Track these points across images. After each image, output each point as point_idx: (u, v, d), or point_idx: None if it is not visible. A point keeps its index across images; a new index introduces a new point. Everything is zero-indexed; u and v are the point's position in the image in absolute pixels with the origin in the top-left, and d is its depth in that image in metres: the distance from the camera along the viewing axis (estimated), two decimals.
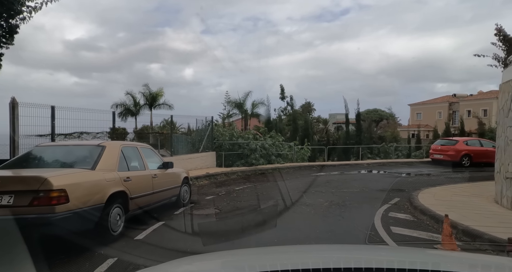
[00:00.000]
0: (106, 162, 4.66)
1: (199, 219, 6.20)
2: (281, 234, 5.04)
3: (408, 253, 1.84)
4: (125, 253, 4.09)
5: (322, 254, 1.67)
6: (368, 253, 1.74)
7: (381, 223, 5.61)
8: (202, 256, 1.85)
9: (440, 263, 1.40)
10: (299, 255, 1.65)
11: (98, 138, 9.31)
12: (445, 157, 15.58)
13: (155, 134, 18.15)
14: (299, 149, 17.45)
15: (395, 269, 1.16)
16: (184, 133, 18.07)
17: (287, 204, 7.51)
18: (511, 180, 6.41)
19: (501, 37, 11.61)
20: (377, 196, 8.27)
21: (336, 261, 1.32)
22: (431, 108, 43.43)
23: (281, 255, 1.65)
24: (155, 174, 5.87)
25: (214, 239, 4.86)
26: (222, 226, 5.84)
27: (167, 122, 27.48)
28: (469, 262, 1.49)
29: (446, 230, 4.33)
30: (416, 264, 1.28)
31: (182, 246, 4.36)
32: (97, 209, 4.19)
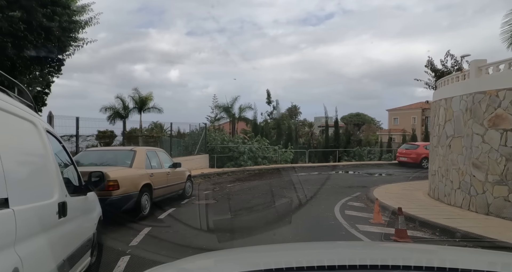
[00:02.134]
0: (138, 162, 6.42)
1: (200, 207, 7.99)
2: (264, 215, 6.92)
3: (425, 250, 1.83)
4: (154, 225, 5.87)
5: (327, 251, 1.68)
6: (372, 250, 1.76)
7: (339, 209, 7.58)
8: (209, 254, 1.86)
9: (457, 260, 1.38)
10: (303, 252, 1.66)
11: (88, 140, 10.90)
12: (408, 159, 17.93)
13: (144, 137, 18.77)
14: (283, 152, 19.43)
15: (411, 266, 1.15)
16: (173, 136, 19.57)
17: (271, 196, 9.39)
18: (433, 177, 8.56)
19: (431, 67, 14.55)
20: (344, 191, 10.28)
21: (341, 258, 1.33)
22: (406, 113, 46.56)
23: (284, 253, 1.65)
24: (168, 172, 7.64)
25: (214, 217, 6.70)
26: (219, 211, 7.66)
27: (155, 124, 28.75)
28: (488, 260, 1.46)
29: (376, 209, 6.36)
30: (433, 261, 1.27)
31: (190, 223, 6.17)
32: (134, 195, 5.94)
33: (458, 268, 1.14)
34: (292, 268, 1.12)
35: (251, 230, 5.66)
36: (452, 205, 7.49)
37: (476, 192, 6.79)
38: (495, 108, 6.41)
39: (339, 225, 6.04)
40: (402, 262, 1.21)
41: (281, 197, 9.14)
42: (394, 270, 1.12)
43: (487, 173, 6.54)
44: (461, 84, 7.62)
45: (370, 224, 6.07)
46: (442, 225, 5.56)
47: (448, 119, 7.93)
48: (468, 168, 7.02)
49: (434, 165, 8.84)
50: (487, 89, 6.58)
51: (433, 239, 5.21)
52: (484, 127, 6.64)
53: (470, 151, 6.98)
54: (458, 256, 1.55)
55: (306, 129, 34.37)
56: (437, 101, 8.76)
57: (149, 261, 3.92)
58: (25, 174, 1.93)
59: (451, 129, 7.75)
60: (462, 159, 7.26)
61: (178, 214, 6.97)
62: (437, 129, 8.65)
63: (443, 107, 8.20)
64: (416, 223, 5.95)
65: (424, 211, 6.69)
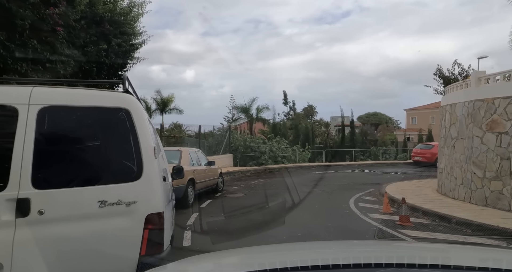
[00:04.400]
0: (184, 160, 7.79)
1: (232, 199, 9.29)
2: (285, 207, 8.12)
3: (418, 248, 1.84)
4: (200, 211, 7.21)
5: (331, 251, 1.65)
6: (378, 249, 1.74)
7: (353, 201, 8.67)
8: (209, 255, 1.84)
9: (451, 257, 1.40)
10: (308, 251, 1.64)
11: None
12: (423, 159, 18.59)
13: (166, 137, 19.67)
14: (300, 152, 20.53)
15: (404, 264, 1.15)
16: (195, 136, 20.97)
17: (292, 191, 10.57)
18: (441, 174, 9.47)
19: (439, 74, 15.43)
20: (358, 187, 11.31)
21: (346, 257, 1.32)
22: (425, 113, 46.27)
23: (288, 253, 1.63)
24: (205, 169, 8.99)
25: (245, 207, 7.98)
26: (249, 202, 8.93)
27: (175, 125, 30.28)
28: (479, 256, 1.48)
29: (385, 201, 7.43)
30: (426, 258, 1.27)
31: (226, 211, 7.45)
32: (183, 187, 7.29)
33: (450, 265, 1.17)
34: (286, 268, 1.11)
35: (278, 217, 6.88)
36: (456, 199, 8.41)
37: (476, 187, 7.70)
38: (491, 114, 7.32)
39: (352, 214, 7.15)
40: (396, 260, 1.21)
41: (302, 192, 10.30)
42: (388, 268, 1.12)
43: (485, 170, 7.46)
44: (464, 92, 8.52)
45: (380, 213, 7.14)
46: (441, 213, 6.58)
47: (452, 123, 8.83)
48: (469, 166, 7.93)
49: (441, 164, 9.74)
50: (485, 97, 7.49)
51: (432, 224, 6.24)
52: (482, 130, 7.55)
53: (470, 151, 7.89)
54: (450, 253, 1.58)
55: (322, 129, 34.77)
56: (444, 106, 9.66)
57: (204, 234, 5.23)
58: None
59: (455, 132, 8.66)
60: (464, 158, 8.17)
61: (215, 204, 8.31)
62: (443, 131, 9.55)
63: (448, 112, 9.10)
64: (419, 212, 6.98)
65: (428, 203, 7.67)
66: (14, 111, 2.03)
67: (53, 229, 1.99)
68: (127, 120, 2.23)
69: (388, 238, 5.29)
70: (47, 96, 2.17)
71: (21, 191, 1.94)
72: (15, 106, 2.04)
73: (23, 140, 1.99)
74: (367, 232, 5.65)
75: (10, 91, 2.22)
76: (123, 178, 2.19)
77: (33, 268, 1.94)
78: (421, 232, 5.63)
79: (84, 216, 2.07)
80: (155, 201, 2.27)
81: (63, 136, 2.22)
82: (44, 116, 2.08)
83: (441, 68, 15.89)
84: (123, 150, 2.26)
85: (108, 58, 6.71)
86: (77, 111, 2.22)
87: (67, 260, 2.00)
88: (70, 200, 2.05)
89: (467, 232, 5.72)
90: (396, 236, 5.43)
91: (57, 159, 2.17)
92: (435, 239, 5.29)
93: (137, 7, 7.28)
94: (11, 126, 2.00)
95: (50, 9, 4.44)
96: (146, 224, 2.17)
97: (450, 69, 15.57)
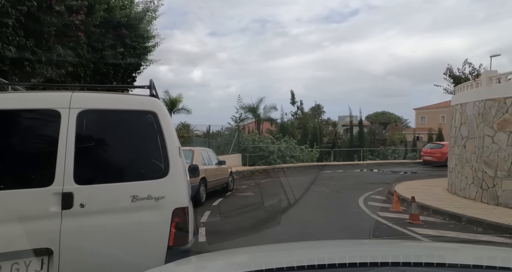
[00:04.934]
0: (196, 159, 8.00)
1: (242, 198, 9.46)
2: (297, 205, 8.25)
3: (412, 247, 1.85)
4: (212, 210, 7.41)
5: (328, 250, 1.66)
6: (373, 248, 1.74)
7: (363, 200, 8.75)
8: (205, 255, 1.82)
9: (445, 256, 1.40)
10: (304, 251, 1.64)
11: None
12: (433, 158, 18.44)
13: None
14: (309, 151, 20.59)
15: (400, 263, 1.16)
16: (198, 135, 21.22)
17: (301, 191, 10.69)
18: (451, 174, 9.46)
19: (450, 74, 15.32)
20: (367, 187, 11.35)
21: (341, 256, 1.31)
22: (435, 112, 45.66)
23: (284, 252, 1.62)
24: (216, 168, 9.18)
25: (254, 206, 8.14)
26: (258, 201, 9.10)
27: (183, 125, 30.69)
28: (474, 254, 1.49)
29: (395, 199, 7.50)
30: (421, 257, 1.29)
31: (237, 208, 7.63)
32: (195, 186, 7.49)
33: (445, 263, 1.19)
34: (282, 268, 1.12)
35: (287, 215, 7.02)
36: (467, 198, 8.41)
37: (487, 186, 7.70)
38: (503, 113, 7.31)
39: (362, 212, 7.24)
40: (391, 259, 1.22)
41: (311, 191, 10.41)
42: (383, 267, 1.12)
43: (496, 170, 7.45)
44: (474, 91, 8.50)
45: (389, 212, 7.22)
46: (451, 212, 6.62)
47: (463, 122, 8.83)
48: (480, 165, 7.93)
49: (451, 163, 9.72)
50: (496, 97, 7.48)
51: (442, 223, 6.29)
52: (493, 129, 7.54)
53: (481, 151, 7.89)
54: (445, 251, 1.60)
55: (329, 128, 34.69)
56: (454, 105, 9.64)
57: (218, 231, 5.41)
58: None
59: (466, 131, 8.65)
60: (475, 158, 8.17)
61: (226, 202, 8.50)
62: (454, 131, 9.53)
63: (458, 111, 9.09)
64: (429, 211, 7.03)
65: (438, 202, 7.71)
66: (57, 114, 2.24)
67: (93, 220, 2.20)
68: (154, 122, 2.42)
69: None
70: (84, 100, 2.38)
71: (65, 186, 2.15)
72: (58, 110, 2.25)
73: (66, 141, 2.20)
74: (377, 230, 5.75)
75: (53, 96, 2.45)
76: (152, 175, 2.37)
77: (77, 253, 2.15)
78: (431, 230, 5.70)
79: (119, 209, 2.26)
80: (180, 196, 2.45)
81: (99, 136, 2.42)
82: (83, 118, 2.28)
83: (451, 67, 15.87)
84: (151, 150, 2.44)
85: (124, 60, 6.96)
86: (110, 114, 2.42)
87: (105, 247, 2.20)
88: (106, 195, 2.25)
89: (478, 230, 5.76)
90: (406, 234, 5.51)
91: (94, 158, 2.38)
92: (445, 237, 5.35)
93: (151, 11, 7.51)
94: (55, 128, 2.21)
95: (73, 16, 4.70)
96: (173, 218, 2.35)
97: (461, 69, 15.49)
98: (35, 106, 2.31)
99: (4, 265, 2.02)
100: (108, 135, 2.44)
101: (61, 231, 2.12)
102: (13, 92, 2.74)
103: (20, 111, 2.29)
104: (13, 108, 2.27)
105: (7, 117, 2.26)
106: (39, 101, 2.35)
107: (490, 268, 1.17)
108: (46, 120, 2.29)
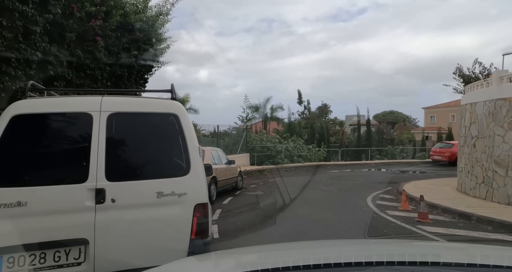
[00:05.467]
0: (206, 158, 8.18)
1: (251, 197, 9.61)
2: (306, 204, 8.37)
3: (407, 246, 1.86)
4: (222, 208, 7.58)
5: (323, 250, 1.67)
6: (368, 247, 1.75)
7: (371, 199, 8.80)
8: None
9: (440, 254, 1.42)
10: (300, 251, 1.65)
11: None
12: (442, 158, 18.30)
13: None
14: (316, 151, 20.64)
15: (395, 262, 1.16)
16: (206, 135, 21.44)
17: (309, 190, 10.79)
18: (461, 173, 9.44)
19: (459, 73, 15.16)
20: (375, 186, 11.38)
21: (337, 256, 1.33)
22: (444, 111, 45.04)
23: (281, 253, 1.63)
24: (226, 168, 9.35)
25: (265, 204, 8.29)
26: (268, 199, 9.24)
27: None
28: (468, 253, 1.51)
29: (403, 198, 7.56)
30: (416, 256, 1.28)
31: (246, 207, 7.77)
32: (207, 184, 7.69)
33: (439, 262, 1.20)
34: (278, 268, 1.13)
35: (298, 214, 7.14)
36: (477, 197, 8.40)
37: (498, 185, 7.69)
38: None
39: (371, 211, 7.32)
40: (386, 258, 1.23)
41: (319, 190, 10.51)
42: (378, 266, 1.13)
43: (507, 169, 7.44)
44: (485, 91, 8.48)
45: (398, 210, 7.27)
46: (461, 211, 6.65)
47: (473, 122, 8.80)
48: (491, 164, 7.92)
49: (461, 163, 9.70)
50: (507, 96, 7.46)
51: (451, 221, 6.33)
52: (504, 129, 7.53)
53: (492, 150, 7.88)
54: (440, 250, 1.62)
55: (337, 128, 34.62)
56: (464, 105, 9.61)
57: (229, 228, 5.58)
58: None
59: (476, 131, 8.64)
60: (485, 157, 8.15)
61: (236, 201, 8.67)
62: (463, 130, 9.51)
63: (468, 111, 9.07)
64: (438, 210, 7.06)
65: (448, 201, 7.73)
66: (89, 117, 2.43)
67: (123, 214, 2.38)
68: (176, 124, 2.59)
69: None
70: (113, 104, 2.57)
71: (98, 183, 2.34)
72: (90, 113, 2.45)
73: (97, 141, 2.39)
74: (386, 228, 5.83)
75: (85, 100, 2.65)
76: (175, 173, 2.54)
77: (110, 243, 2.34)
78: (440, 228, 5.75)
79: (146, 204, 2.44)
80: (201, 193, 2.62)
81: (127, 137, 2.60)
82: (112, 120, 2.46)
83: (461, 67, 15.74)
84: (174, 149, 2.62)
85: (137, 63, 7.18)
86: (137, 116, 2.61)
87: (134, 238, 2.39)
88: (134, 191, 2.43)
89: (488, 229, 5.79)
90: (414, 232, 5.58)
91: (123, 157, 2.56)
92: (454, 235, 5.41)
93: (163, 15, 7.72)
94: (88, 129, 2.41)
95: (92, 21, 4.92)
96: (194, 213, 2.52)
97: (471, 68, 15.36)
98: (70, 109, 2.51)
99: (48, 252, 2.22)
100: (135, 136, 2.61)
101: (96, 223, 2.31)
102: (49, 97, 2.96)
103: (58, 115, 2.50)
104: (52, 111, 2.47)
105: (47, 120, 2.47)
106: (74, 105, 2.55)
107: (483, 266, 1.18)
108: (80, 123, 2.48)
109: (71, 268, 2.25)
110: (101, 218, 2.33)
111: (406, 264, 1.17)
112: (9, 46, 3.62)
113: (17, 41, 3.73)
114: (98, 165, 2.35)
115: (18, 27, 3.71)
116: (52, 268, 2.22)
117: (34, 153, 2.39)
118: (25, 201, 2.23)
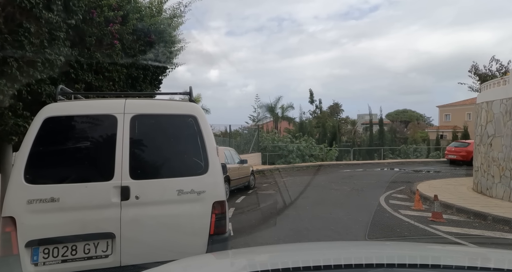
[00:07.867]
0: (220, 158, 8.34)
1: (264, 196, 9.72)
2: (318, 203, 8.41)
3: (408, 248, 1.86)
4: (235, 206, 7.72)
5: (324, 251, 1.67)
6: (369, 249, 1.74)
7: (384, 199, 8.76)
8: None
9: (440, 257, 1.41)
10: (301, 253, 1.64)
11: None
12: (458, 157, 17.90)
13: None
14: (328, 150, 20.55)
15: (395, 264, 1.16)
16: (217, 135, 21.63)
17: (322, 189, 10.81)
18: (476, 173, 9.26)
19: (475, 71, 14.77)
20: (388, 185, 11.29)
21: (337, 258, 1.35)
22: (460, 109, 43.91)
23: (282, 254, 1.64)
24: (238, 167, 9.49)
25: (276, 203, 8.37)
26: (280, 198, 9.32)
27: None
28: (469, 256, 1.50)
29: (416, 198, 7.50)
30: (416, 258, 1.28)
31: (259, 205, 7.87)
32: None
33: (440, 264, 1.20)
34: (277, 269, 1.13)
35: (311, 213, 7.20)
36: (494, 197, 8.24)
37: None
38: None
39: (383, 210, 7.30)
40: (386, 260, 1.23)
41: (331, 189, 10.51)
42: (379, 268, 1.13)
43: None
44: (501, 89, 8.29)
45: (411, 210, 7.23)
46: (476, 211, 6.56)
47: (489, 120, 8.63)
48: (508, 164, 7.75)
49: (477, 162, 9.51)
50: None
51: (466, 221, 6.26)
52: None
53: (509, 149, 7.71)
54: (441, 253, 1.62)
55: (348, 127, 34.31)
56: (480, 103, 9.42)
57: (244, 226, 5.70)
58: None
59: (492, 129, 8.46)
60: (502, 156, 7.99)
61: (249, 200, 8.79)
62: (479, 129, 9.33)
63: (484, 109, 8.89)
64: (453, 209, 6.98)
65: (463, 201, 7.62)
66: (114, 119, 2.59)
67: (146, 210, 2.53)
68: (195, 125, 2.73)
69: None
70: (136, 106, 2.73)
71: (123, 181, 2.50)
72: (115, 115, 2.61)
73: (122, 141, 2.55)
74: (399, 227, 5.83)
75: (110, 103, 2.83)
76: (194, 172, 2.68)
77: (134, 237, 2.51)
78: (454, 228, 5.70)
79: (167, 201, 2.58)
80: (219, 191, 2.75)
81: (149, 138, 2.76)
82: (135, 122, 2.62)
83: (477, 64, 15.36)
84: (193, 149, 2.75)
85: (152, 65, 7.38)
86: (158, 118, 2.76)
87: (156, 233, 2.55)
88: (156, 189, 2.58)
89: (504, 229, 5.70)
90: (428, 231, 5.56)
91: (145, 156, 2.72)
92: (469, 234, 5.36)
93: (177, 17, 7.90)
94: (113, 131, 2.58)
95: (110, 25, 5.14)
96: (213, 209, 2.65)
97: (487, 66, 14.95)
98: (97, 112, 2.69)
99: (79, 245, 2.40)
100: (156, 136, 2.76)
101: (121, 218, 2.48)
102: (77, 100, 3.15)
103: (85, 117, 2.68)
104: (80, 113, 2.65)
105: (76, 121, 2.65)
106: (99, 108, 2.73)
107: (484, 269, 1.18)
108: (106, 124, 2.65)
109: (99, 260, 2.43)
110: (126, 213, 2.49)
111: (407, 266, 1.17)
112: (35, 51, 3.86)
113: (43, 46, 3.96)
114: (123, 164, 2.51)
115: (44, 33, 3.94)
116: (82, 260, 2.40)
117: (64, 153, 2.58)
118: (58, 197, 2.41)
